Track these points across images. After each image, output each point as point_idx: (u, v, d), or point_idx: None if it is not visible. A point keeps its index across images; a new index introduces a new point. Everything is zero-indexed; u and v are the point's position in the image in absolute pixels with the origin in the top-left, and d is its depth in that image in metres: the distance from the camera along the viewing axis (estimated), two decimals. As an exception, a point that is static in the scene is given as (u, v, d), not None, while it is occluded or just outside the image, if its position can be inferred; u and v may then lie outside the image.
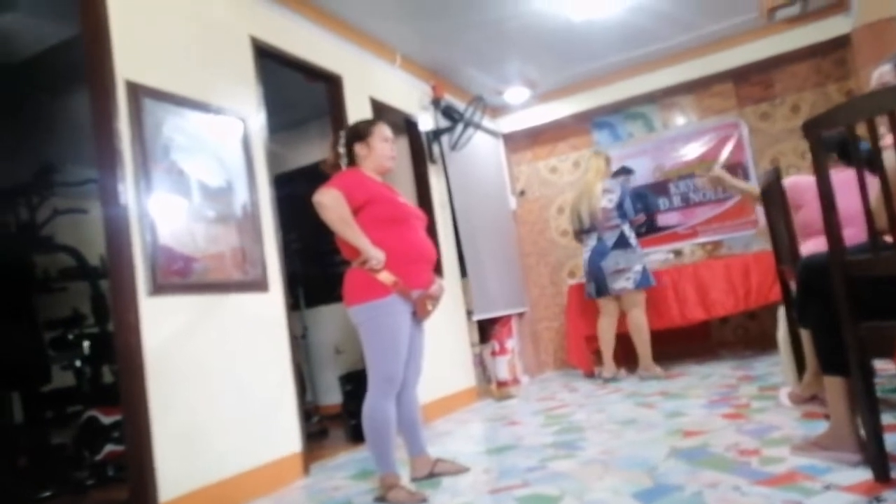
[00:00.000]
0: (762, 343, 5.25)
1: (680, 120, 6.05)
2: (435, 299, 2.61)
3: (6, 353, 3.84)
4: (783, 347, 3.17)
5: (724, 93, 5.84)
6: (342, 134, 2.76)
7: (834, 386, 2.07)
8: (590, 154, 5.22)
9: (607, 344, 4.94)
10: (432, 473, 2.73)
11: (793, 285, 2.77)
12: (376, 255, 2.41)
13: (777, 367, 4.09)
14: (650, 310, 4.98)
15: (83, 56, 2.71)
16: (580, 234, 5.06)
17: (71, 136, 4.44)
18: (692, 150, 5.93)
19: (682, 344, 5.60)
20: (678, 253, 5.69)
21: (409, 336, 2.52)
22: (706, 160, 5.85)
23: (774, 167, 3.05)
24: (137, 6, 2.85)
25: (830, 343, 2.03)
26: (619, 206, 4.83)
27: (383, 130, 2.71)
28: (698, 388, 3.96)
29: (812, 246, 2.84)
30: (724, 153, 5.80)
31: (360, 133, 2.70)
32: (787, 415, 2.86)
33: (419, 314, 2.54)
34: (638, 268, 4.77)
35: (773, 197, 3.00)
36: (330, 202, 2.43)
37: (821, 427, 2.34)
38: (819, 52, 5.43)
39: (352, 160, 2.69)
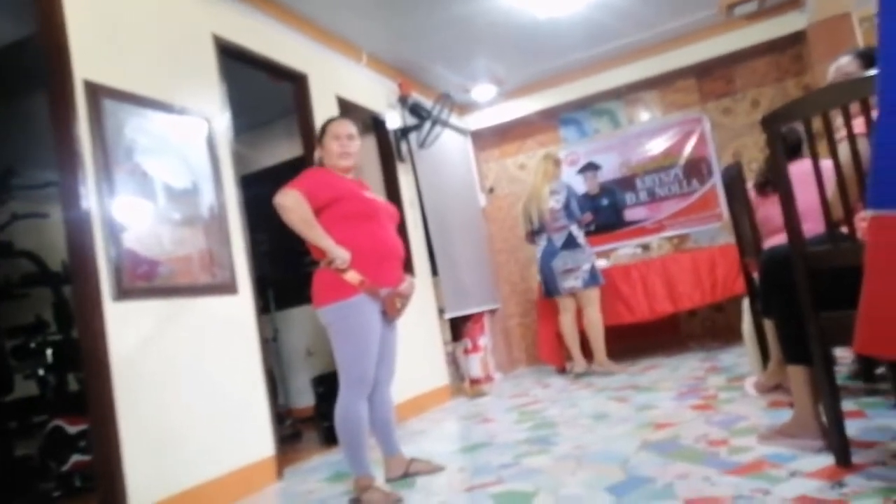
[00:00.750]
0: (729, 335, 5.36)
1: (645, 115, 6.14)
2: (404, 297, 2.58)
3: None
4: (748, 338, 3.25)
5: (687, 88, 5.94)
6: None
7: (797, 375, 2.13)
8: (540, 156, 5.26)
9: (573, 340, 5.01)
10: (407, 473, 2.72)
11: (756, 277, 2.84)
12: (341, 255, 2.38)
13: (743, 357, 4.18)
14: (620, 304, 5.06)
15: (40, 56, 2.64)
16: (531, 234, 5.13)
17: (30, 139, 4.32)
18: (657, 145, 6.02)
19: (651, 337, 5.70)
20: (646, 247, 5.78)
21: (379, 335, 2.50)
22: (671, 155, 5.95)
23: (736, 161, 3.13)
24: (95, 4, 2.78)
25: (793, 333, 2.08)
26: (566, 206, 4.91)
27: (334, 128, 2.66)
28: (668, 381, 4.03)
29: (775, 241, 2.91)
30: (688, 148, 5.90)
31: (318, 136, 2.73)
32: (753, 404, 2.92)
33: (389, 313, 2.51)
34: (586, 267, 4.86)
35: (736, 191, 3.06)
36: (290, 203, 2.41)
37: (786, 416, 2.40)
38: (777, 48, 5.56)
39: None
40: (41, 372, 3.99)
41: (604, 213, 6.15)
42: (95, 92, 2.65)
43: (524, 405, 4.15)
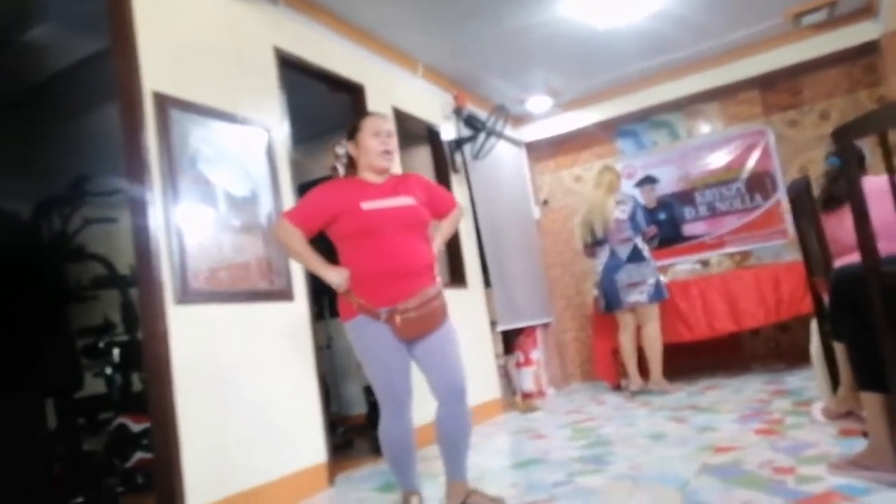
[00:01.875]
0: (795, 356, 5.13)
1: (705, 128, 5.98)
2: (408, 313, 2.22)
3: (42, 360, 3.89)
4: (816, 361, 3.09)
5: (751, 100, 5.76)
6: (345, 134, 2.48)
7: (872, 402, 2.01)
8: (600, 168, 5.18)
9: (630, 357, 4.89)
10: None
11: (825, 297, 2.70)
12: (333, 280, 2.25)
13: (811, 381, 3.99)
14: (678, 321, 4.92)
15: (112, 68, 2.75)
16: (592, 246, 5.02)
17: (102, 148, 4.52)
18: (718, 159, 5.85)
19: (711, 356, 5.51)
20: (705, 263, 5.61)
21: (399, 352, 2.27)
22: (732, 168, 5.77)
23: (804, 176, 2.99)
24: (163, 18, 2.89)
25: (866, 357, 1.97)
26: (632, 217, 4.80)
27: (374, 124, 2.39)
28: (729, 403, 3.88)
29: (845, 261, 2.77)
30: (751, 161, 5.71)
31: (350, 131, 2.43)
32: (822, 431, 2.77)
33: (397, 332, 2.22)
34: (651, 281, 4.74)
35: (804, 207, 2.93)
36: (281, 236, 2.32)
37: (858, 445, 2.27)
38: (848, 58, 5.33)
39: (351, 162, 2.46)
40: (108, 371, 4.15)
41: (662, 227, 5.98)
42: (163, 103, 2.75)
43: (578, 422, 4.06)
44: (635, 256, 4.77)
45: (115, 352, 4.15)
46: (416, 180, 2.49)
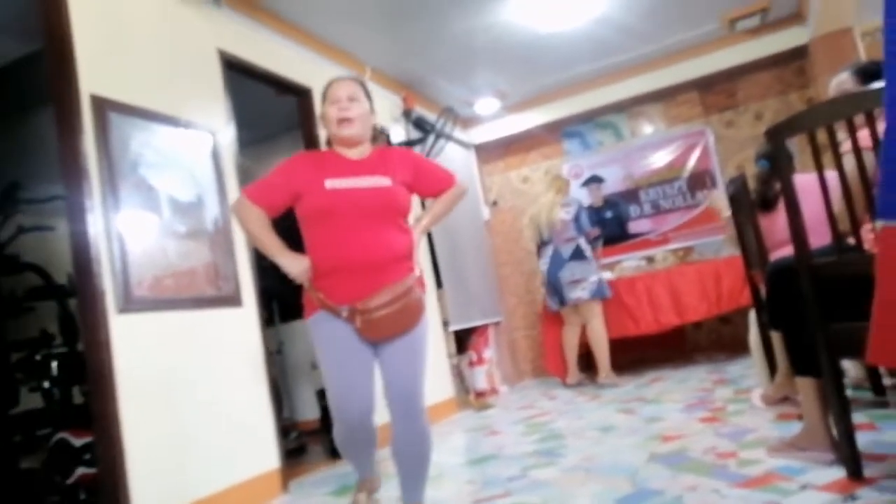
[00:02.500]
0: (735, 347, 5.32)
1: (648, 128, 6.15)
2: (370, 313, 1.92)
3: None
4: (755, 350, 3.23)
5: (690, 101, 5.96)
6: None
7: (806, 387, 2.11)
8: (551, 177, 5.45)
9: (571, 352, 5.07)
10: None
11: (762, 289, 2.83)
12: (290, 269, 2.00)
13: (750, 370, 4.15)
14: (625, 316, 5.05)
15: (46, 71, 2.66)
16: (540, 247, 5.20)
17: (36, 153, 4.34)
18: (661, 158, 6.03)
19: (657, 349, 5.67)
20: (650, 259, 5.77)
21: (359, 354, 1.98)
22: (674, 167, 5.96)
23: (741, 174, 3.12)
24: (101, 19, 2.81)
25: (801, 345, 2.07)
26: (576, 219, 4.97)
27: (331, 91, 2.11)
28: (675, 393, 4.00)
29: (780, 255, 2.91)
30: (692, 160, 5.91)
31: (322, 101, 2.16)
32: (761, 417, 2.90)
33: (362, 333, 1.94)
34: (594, 279, 4.90)
35: (741, 203, 3.06)
36: (238, 215, 2.09)
37: (795, 428, 2.38)
38: (780, 62, 5.58)
39: None
40: (46, 385, 3.99)
41: (608, 225, 6.13)
42: (101, 106, 2.67)
43: (531, 417, 4.12)
44: (577, 255, 4.93)
45: (54, 365, 3.99)
46: (401, 156, 2.12)
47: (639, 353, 5.64)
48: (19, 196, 4.39)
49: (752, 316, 3.26)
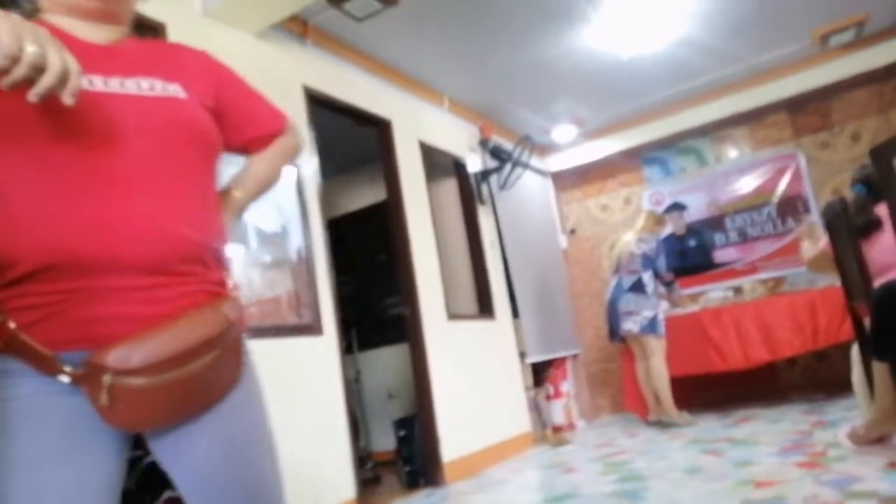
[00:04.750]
0: (834, 386, 4.96)
1: (733, 153, 5.92)
2: (137, 376, 0.86)
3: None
4: (859, 391, 2.99)
5: (779, 123, 5.70)
6: None
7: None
8: (647, 209, 5.45)
9: (645, 387, 4.90)
10: None
11: (866, 322, 2.62)
12: None
13: (852, 411, 3.85)
14: (711, 350, 4.81)
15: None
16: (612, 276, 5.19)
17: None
18: (747, 184, 5.77)
19: (746, 387, 5.35)
20: (738, 290, 5.50)
21: (71, 475, 0.87)
22: (763, 193, 5.69)
23: (840, 198, 2.93)
24: (198, 62, 2.97)
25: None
26: (645, 255, 4.89)
27: None
28: (768, 435, 3.75)
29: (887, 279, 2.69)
30: (782, 185, 5.63)
31: None
32: (869, 464, 2.66)
33: (108, 416, 0.87)
34: (648, 314, 4.79)
35: (840, 229, 2.87)
36: None
37: (909, 478, 2.17)
38: (877, 78, 5.26)
39: None
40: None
41: (691, 254, 5.92)
42: (195, 142, 2.80)
43: (609, 455, 3.97)
44: (637, 287, 4.86)
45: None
46: (196, 60, 1.19)
47: (725, 391, 5.35)
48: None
49: (855, 353, 3.03)
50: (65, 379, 0.85)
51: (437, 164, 4.85)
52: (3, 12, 0.75)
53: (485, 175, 5.18)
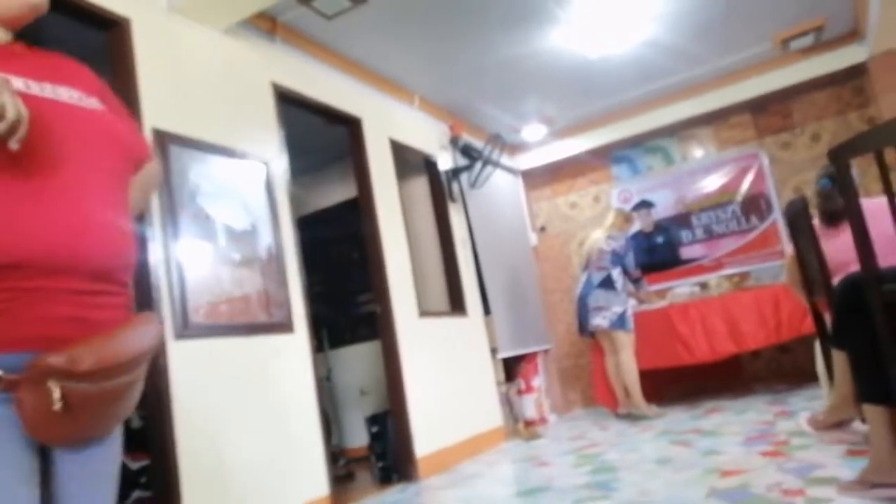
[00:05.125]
0: (797, 377, 5.11)
1: (699, 152, 6.04)
2: (84, 381, 0.84)
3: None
4: (823, 380, 3.08)
5: (743, 124, 5.83)
6: None
7: (875, 416, 2.00)
8: (616, 207, 5.54)
9: (615, 381, 4.98)
10: None
11: (827, 318, 2.71)
12: None
13: (814, 401, 3.97)
14: (678, 344, 4.91)
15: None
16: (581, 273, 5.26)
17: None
18: (713, 182, 5.90)
19: (713, 379, 5.48)
20: (704, 286, 5.61)
21: (16, 474, 0.85)
22: (727, 191, 5.82)
23: (801, 196, 3.02)
24: (163, 56, 2.93)
25: (871, 369, 1.96)
26: (615, 252, 4.97)
27: None
28: (733, 425, 3.85)
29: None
30: (745, 184, 5.76)
31: None
32: (829, 452, 2.75)
33: (35, 423, 0.84)
34: (617, 309, 4.88)
35: (802, 227, 2.95)
36: None
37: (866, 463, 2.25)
38: (837, 81, 5.42)
39: None
40: (105, 409, 4.10)
41: (659, 251, 6.03)
42: (163, 139, 2.78)
43: (582, 448, 4.02)
44: (606, 283, 4.94)
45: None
46: (87, 74, 1.13)
47: (692, 383, 5.47)
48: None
49: (818, 347, 3.12)
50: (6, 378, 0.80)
51: (408, 161, 4.85)
52: None
53: (455, 173, 5.20)
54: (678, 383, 5.45)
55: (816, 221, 2.91)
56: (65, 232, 0.87)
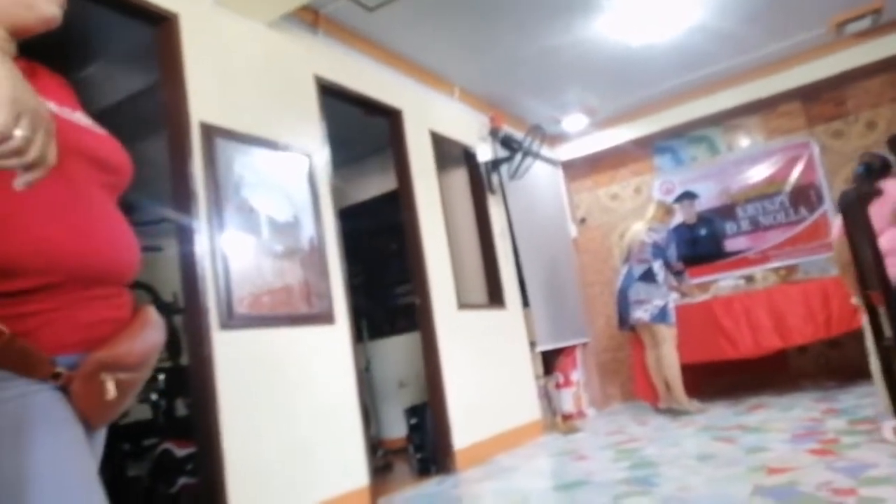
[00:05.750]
0: (846, 373, 4.94)
1: (745, 142, 5.88)
2: (120, 372, 0.95)
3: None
4: (878, 378, 2.98)
5: (793, 112, 5.65)
6: None
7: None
8: (658, 199, 5.46)
9: (656, 376, 4.92)
10: None
11: (881, 311, 2.61)
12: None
13: (865, 398, 3.85)
14: (721, 338, 4.81)
15: (157, 102, 2.85)
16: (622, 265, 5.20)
17: (147, 178, 4.65)
18: (759, 172, 5.74)
19: (756, 374, 5.34)
20: (749, 279, 5.47)
21: (85, 464, 0.93)
22: (775, 181, 5.66)
23: (854, 186, 2.92)
24: (210, 51, 2.98)
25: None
26: (656, 244, 4.90)
27: None
28: (779, 422, 3.75)
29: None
30: (794, 174, 5.59)
31: None
32: (883, 451, 2.66)
33: (93, 413, 0.94)
34: (658, 302, 4.80)
35: (855, 217, 2.85)
36: None
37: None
38: (894, 66, 5.20)
39: None
40: (154, 397, 4.22)
41: (702, 243, 5.90)
42: (209, 132, 2.83)
43: (621, 443, 3.98)
44: (647, 276, 4.87)
45: (161, 377, 4.23)
46: (70, 90, 1.13)
47: (734, 378, 5.34)
48: (134, 219, 4.68)
49: (870, 342, 3.01)
50: (53, 381, 0.89)
51: (448, 153, 4.84)
52: (10, 70, 0.75)
53: (495, 164, 5.17)
54: (719, 378, 5.33)
55: None
56: (106, 249, 0.98)
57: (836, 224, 4.03)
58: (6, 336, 0.84)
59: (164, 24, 2.82)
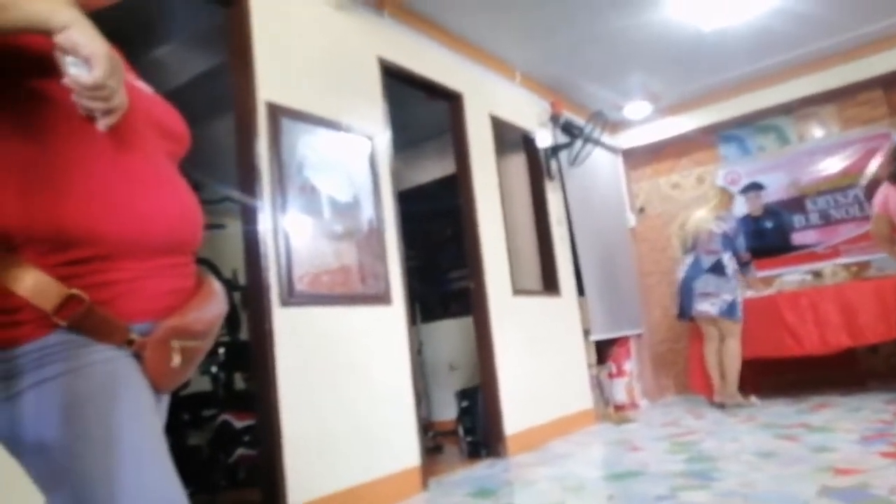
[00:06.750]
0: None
1: (818, 132, 5.61)
2: (189, 339, 0.98)
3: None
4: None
5: (873, 101, 5.36)
6: None
7: None
8: (718, 187, 5.32)
9: (713, 369, 4.80)
10: None
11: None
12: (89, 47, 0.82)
13: (941, 403, 3.65)
14: (785, 334, 4.65)
15: (223, 83, 2.91)
16: (683, 256, 5.06)
17: (211, 157, 4.78)
18: (833, 164, 5.48)
19: (820, 373, 5.13)
20: (817, 274, 5.25)
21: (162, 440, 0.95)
22: (850, 174, 5.39)
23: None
24: (277, 32, 3.03)
25: None
26: (725, 234, 4.76)
27: None
28: (846, 422, 3.60)
29: None
30: (872, 167, 5.31)
31: None
32: (960, 457, 2.53)
33: (160, 379, 0.97)
34: (727, 297, 4.66)
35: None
36: None
37: None
38: None
39: None
40: (214, 369, 4.36)
41: (767, 236, 5.69)
42: (275, 113, 2.88)
43: (676, 435, 3.90)
44: (717, 269, 4.73)
45: (220, 351, 4.37)
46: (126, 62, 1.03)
47: (796, 376, 5.15)
48: (199, 197, 4.83)
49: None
50: (128, 347, 0.92)
51: (507, 138, 4.81)
52: (96, 29, 0.83)
53: (554, 151, 5.10)
54: (780, 375, 5.15)
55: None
56: (178, 218, 1.00)
57: (879, 197, 3.97)
58: (86, 304, 0.87)
59: (235, 5, 2.87)
